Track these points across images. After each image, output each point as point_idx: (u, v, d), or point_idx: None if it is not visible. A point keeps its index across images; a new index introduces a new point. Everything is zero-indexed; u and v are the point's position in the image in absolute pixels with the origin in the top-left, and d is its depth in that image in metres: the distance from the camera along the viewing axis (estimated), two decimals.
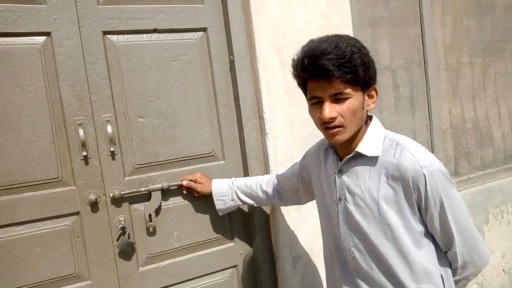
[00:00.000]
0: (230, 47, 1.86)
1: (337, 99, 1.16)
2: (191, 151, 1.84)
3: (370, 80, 1.20)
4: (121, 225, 1.70)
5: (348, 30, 2.06)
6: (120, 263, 1.73)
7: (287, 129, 1.92)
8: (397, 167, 1.19)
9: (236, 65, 1.85)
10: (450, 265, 1.27)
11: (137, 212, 1.75)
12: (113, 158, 1.70)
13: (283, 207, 1.90)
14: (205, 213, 1.87)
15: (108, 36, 1.68)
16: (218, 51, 1.87)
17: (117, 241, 1.70)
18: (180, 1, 1.80)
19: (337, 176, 1.31)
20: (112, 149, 1.67)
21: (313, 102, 1.21)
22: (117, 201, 1.71)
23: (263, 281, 1.96)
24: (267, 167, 1.90)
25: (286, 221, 1.92)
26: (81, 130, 1.62)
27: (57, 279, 1.63)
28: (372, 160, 1.24)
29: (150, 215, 1.74)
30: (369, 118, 1.30)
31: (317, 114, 1.20)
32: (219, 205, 1.76)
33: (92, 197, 1.64)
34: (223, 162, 1.91)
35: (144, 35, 1.75)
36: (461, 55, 2.79)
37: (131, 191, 1.71)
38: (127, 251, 1.72)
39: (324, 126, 1.20)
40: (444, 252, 1.26)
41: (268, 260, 1.97)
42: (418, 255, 1.21)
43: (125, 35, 1.71)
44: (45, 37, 1.58)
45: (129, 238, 1.71)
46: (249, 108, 1.89)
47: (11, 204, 1.55)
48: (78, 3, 1.62)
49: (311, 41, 1.20)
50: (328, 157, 1.37)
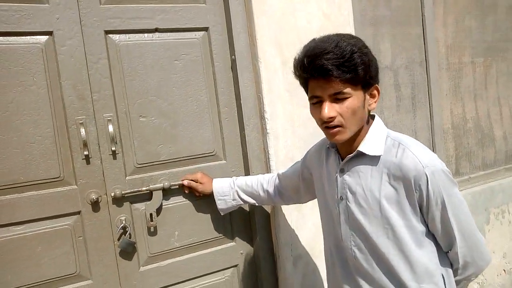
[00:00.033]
0: (231, 46, 1.86)
1: (337, 98, 1.16)
2: (192, 150, 1.84)
3: (371, 80, 1.19)
4: (122, 225, 1.70)
5: (350, 30, 2.06)
6: (121, 262, 1.73)
7: (289, 128, 1.91)
8: (399, 166, 1.18)
9: (238, 64, 1.85)
10: (451, 265, 1.27)
11: (138, 211, 1.75)
12: (114, 158, 1.70)
13: (283, 206, 1.90)
14: (206, 212, 1.87)
15: (110, 35, 1.68)
16: (219, 51, 1.87)
17: (118, 240, 1.71)
18: (181, 1, 1.79)
19: (338, 175, 1.31)
20: (113, 148, 1.67)
21: (313, 101, 1.21)
22: (118, 201, 1.71)
23: (264, 280, 1.96)
24: (268, 166, 1.90)
25: (287, 220, 1.92)
26: (83, 130, 1.62)
27: (58, 278, 1.63)
28: (374, 160, 1.23)
29: (151, 215, 1.74)
30: (371, 118, 1.29)
31: (317, 113, 1.20)
32: (221, 204, 1.76)
33: (93, 196, 1.65)
34: (224, 161, 1.91)
35: (145, 35, 1.75)
36: (463, 55, 2.79)
37: (132, 190, 1.71)
38: (128, 251, 1.72)
39: (324, 125, 1.20)
40: (446, 252, 1.26)
41: (269, 259, 1.97)
42: (420, 255, 1.21)
43: (127, 35, 1.71)
44: (47, 36, 1.58)
45: (130, 238, 1.71)
46: (250, 108, 1.89)
47: (13, 204, 1.55)
48: (80, 3, 1.62)
49: (313, 40, 1.20)
50: (330, 156, 1.37)
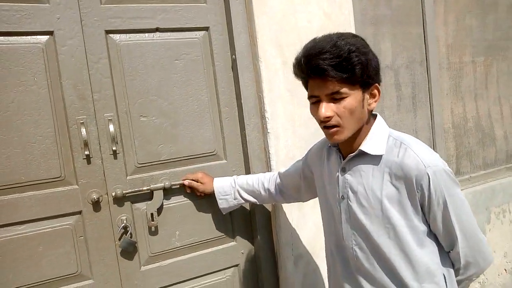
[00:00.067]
0: (232, 46, 1.86)
1: (334, 98, 1.16)
2: (193, 150, 1.84)
3: (369, 79, 1.18)
4: (123, 224, 1.70)
5: (350, 29, 2.06)
6: (122, 262, 1.73)
7: (289, 128, 1.91)
8: (401, 166, 1.18)
9: (238, 64, 1.85)
10: (453, 265, 1.27)
11: (139, 211, 1.75)
12: (115, 157, 1.70)
13: (284, 206, 1.90)
14: (207, 212, 1.87)
15: (110, 35, 1.68)
16: (220, 50, 1.87)
17: (119, 240, 1.71)
18: (182, 0, 1.79)
19: (340, 175, 1.30)
20: (114, 148, 1.67)
21: (312, 101, 1.22)
22: (119, 200, 1.71)
23: (264, 280, 1.96)
24: (268, 166, 1.90)
25: (288, 220, 1.92)
26: (84, 129, 1.62)
27: (59, 278, 1.63)
28: (376, 159, 1.23)
29: (152, 214, 1.74)
30: (373, 117, 1.29)
31: (316, 113, 1.21)
32: (222, 204, 1.76)
33: (94, 196, 1.65)
34: (225, 161, 1.91)
35: (146, 34, 1.75)
36: (463, 54, 2.79)
37: (133, 190, 1.71)
38: (129, 250, 1.72)
39: (322, 125, 1.21)
40: (447, 252, 1.26)
41: (269, 259, 1.97)
42: (421, 255, 1.21)
43: (127, 34, 1.71)
44: (48, 36, 1.58)
45: (131, 237, 1.71)
46: (251, 107, 1.89)
47: (14, 203, 1.56)
48: (81, 2, 1.62)
49: (313, 39, 1.20)
50: (331, 155, 1.37)
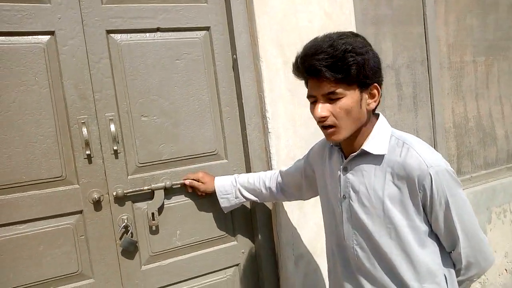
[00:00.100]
0: (233, 46, 1.86)
1: (330, 98, 1.17)
2: (194, 150, 1.84)
3: (367, 80, 1.17)
4: (124, 224, 1.70)
5: (351, 29, 2.06)
6: (123, 261, 1.73)
7: (290, 128, 1.91)
8: (403, 166, 1.18)
9: (239, 64, 1.85)
10: (454, 266, 1.27)
11: (140, 210, 1.75)
12: (116, 157, 1.70)
13: (285, 205, 1.90)
14: (207, 211, 1.87)
15: (111, 35, 1.68)
16: (221, 50, 1.87)
17: (120, 239, 1.71)
18: (183, 0, 1.79)
19: (341, 174, 1.30)
20: (115, 148, 1.67)
21: (311, 100, 1.23)
22: (120, 200, 1.71)
23: (265, 280, 1.96)
24: (269, 166, 1.90)
25: (289, 219, 1.92)
26: (85, 129, 1.62)
27: (60, 277, 1.64)
28: (378, 159, 1.23)
29: (153, 214, 1.75)
30: (375, 116, 1.28)
31: (312, 112, 1.22)
32: (224, 203, 1.76)
33: (95, 195, 1.65)
34: (226, 161, 1.91)
35: (147, 34, 1.75)
36: (464, 54, 2.78)
37: (134, 189, 1.71)
38: (130, 250, 1.72)
39: (319, 125, 1.22)
40: (448, 252, 1.26)
41: (270, 259, 1.97)
42: (422, 255, 1.21)
43: (128, 34, 1.71)
44: (49, 36, 1.59)
45: (132, 237, 1.71)
46: (252, 107, 1.89)
47: (15, 203, 1.56)
48: (82, 2, 1.62)
49: (313, 39, 1.20)
50: (333, 154, 1.37)
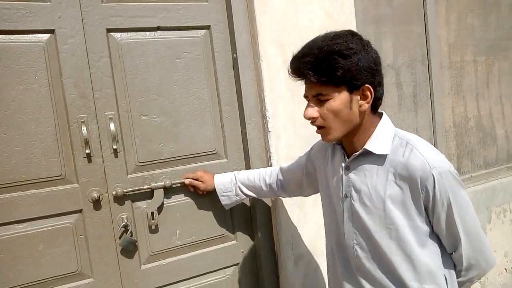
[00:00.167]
0: (233, 45, 1.86)
1: (320, 100, 1.19)
2: (193, 149, 1.84)
3: (356, 81, 1.15)
4: (123, 223, 1.70)
5: (352, 28, 2.04)
6: (122, 261, 1.73)
7: (290, 127, 1.91)
8: (406, 166, 1.17)
9: (239, 63, 1.85)
10: (455, 266, 1.26)
11: (140, 210, 1.75)
12: (116, 156, 1.70)
13: (285, 205, 1.90)
14: (207, 211, 1.87)
15: (111, 33, 1.68)
16: (221, 49, 1.87)
17: (120, 239, 1.71)
18: None
19: (344, 173, 1.30)
20: (115, 147, 1.67)
21: (307, 100, 1.25)
22: (119, 199, 1.71)
23: (265, 279, 1.96)
24: (269, 165, 1.90)
25: (288, 219, 1.92)
26: (84, 128, 1.62)
27: (60, 276, 1.63)
28: (381, 158, 1.22)
29: (152, 213, 1.74)
30: (379, 116, 1.27)
31: None
32: (225, 201, 1.77)
33: (95, 195, 1.65)
34: (226, 160, 1.91)
35: (147, 33, 1.74)
36: (465, 53, 2.78)
37: (133, 189, 1.71)
38: (129, 249, 1.72)
39: (312, 125, 1.24)
40: (449, 253, 1.25)
41: (270, 258, 1.97)
42: (422, 255, 1.20)
43: (128, 33, 1.71)
44: (49, 34, 1.58)
45: (131, 236, 1.71)
46: (251, 106, 1.88)
47: (14, 202, 1.56)
48: (82, 1, 1.62)
49: (312, 39, 1.21)
50: (336, 153, 1.36)
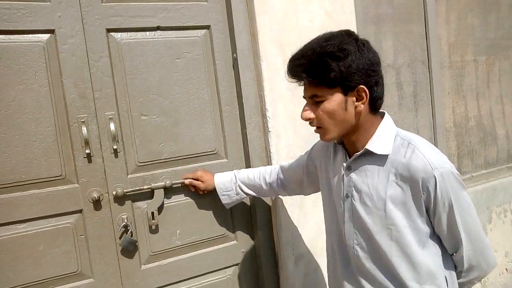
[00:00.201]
0: (233, 45, 1.86)
1: (315, 101, 1.20)
2: (194, 149, 1.84)
3: (350, 82, 1.15)
4: (123, 223, 1.70)
5: (352, 28, 2.05)
6: (122, 261, 1.73)
7: (290, 127, 1.91)
8: (407, 167, 1.16)
9: (239, 63, 1.85)
10: (455, 268, 1.26)
11: (140, 210, 1.75)
12: (116, 156, 1.70)
13: (285, 205, 1.90)
14: (207, 211, 1.87)
15: (111, 33, 1.68)
16: (221, 49, 1.87)
17: (120, 239, 1.71)
18: None
19: (345, 173, 1.29)
20: (115, 147, 1.67)
21: (306, 101, 1.26)
22: (120, 199, 1.71)
23: (265, 279, 1.96)
24: (269, 165, 1.89)
25: (289, 219, 1.91)
26: (84, 128, 1.62)
27: (60, 276, 1.63)
28: (382, 159, 1.21)
29: (152, 213, 1.74)
30: (380, 116, 1.27)
31: None
32: (225, 200, 1.77)
33: (95, 195, 1.65)
34: (226, 160, 1.91)
35: (147, 33, 1.74)
36: (465, 53, 2.78)
37: (134, 189, 1.71)
38: (129, 249, 1.72)
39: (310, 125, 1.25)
40: (450, 254, 1.25)
41: (270, 258, 1.97)
42: (423, 256, 1.20)
43: (128, 33, 1.71)
44: (49, 34, 1.58)
45: (131, 236, 1.71)
46: (252, 106, 1.88)
47: (14, 202, 1.56)
48: (82, 1, 1.62)
49: (311, 39, 1.22)
50: (337, 153, 1.36)
